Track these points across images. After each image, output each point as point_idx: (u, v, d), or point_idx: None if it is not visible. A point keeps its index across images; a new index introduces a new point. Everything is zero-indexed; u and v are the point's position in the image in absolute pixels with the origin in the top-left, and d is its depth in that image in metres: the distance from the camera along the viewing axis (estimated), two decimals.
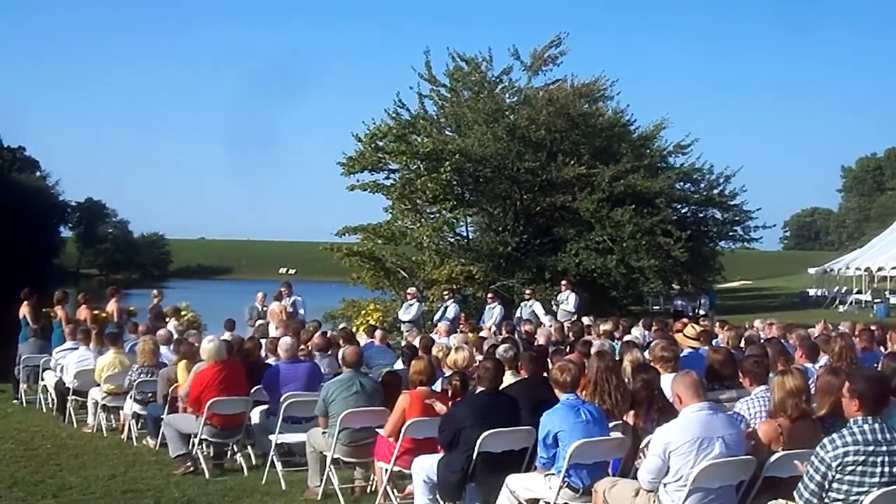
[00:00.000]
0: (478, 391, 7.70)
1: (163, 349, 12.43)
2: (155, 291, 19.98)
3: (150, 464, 10.26)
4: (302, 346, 11.66)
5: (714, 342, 12.09)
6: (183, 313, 18.90)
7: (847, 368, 8.19)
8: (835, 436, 5.22)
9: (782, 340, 11.78)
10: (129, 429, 11.71)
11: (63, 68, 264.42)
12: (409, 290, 22.11)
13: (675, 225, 30.19)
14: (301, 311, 19.20)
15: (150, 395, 11.30)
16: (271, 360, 11.20)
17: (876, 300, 39.52)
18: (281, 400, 9.57)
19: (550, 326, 15.42)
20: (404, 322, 20.16)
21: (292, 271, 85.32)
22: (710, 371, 8.38)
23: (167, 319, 17.84)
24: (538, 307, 20.99)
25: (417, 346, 11.87)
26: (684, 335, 11.81)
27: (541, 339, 12.98)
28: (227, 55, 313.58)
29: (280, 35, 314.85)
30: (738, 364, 8.05)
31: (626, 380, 7.98)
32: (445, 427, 7.44)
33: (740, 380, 8.02)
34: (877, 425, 5.19)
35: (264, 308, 19.29)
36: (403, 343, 14.30)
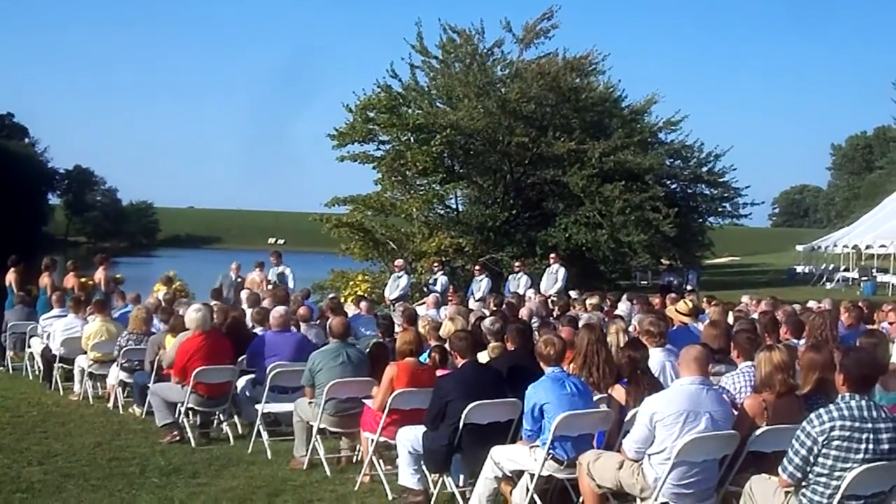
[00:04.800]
0: (461, 363, 7.68)
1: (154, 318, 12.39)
2: (234, 265, 19.77)
3: (136, 432, 10.25)
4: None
5: (700, 317, 12.11)
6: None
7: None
8: (822, 411, 5.24)
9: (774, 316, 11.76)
10: (116, 397, 11.70)
11: (53, 35, 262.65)
12: (396, 262, 22.03)
13: (664, 201, 30.26)
14: (290, 283, 19.15)
15: (137, 363, 11.28)
16: (258, 330, 11.20)
17: (863, 278, 39.63)
18: (267, 370, 9.57)
19: (535, 299, 15.40)
20: (392, 300, 19.79)
21: (281, 241, 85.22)
22: (703, 345, 8.38)
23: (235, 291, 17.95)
24: (525, 280, 21.00)
25: (395, 319, 11.88)
26: (676, 310, 11.82)
27: (522, 313, 12.94)
28: (221, 27, 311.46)
29: (277, 16, 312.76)
30: (733, 336, 8.04)
31: (613, 352, 8.03)
32: (432, 404, 7.44)
33: (730, 355, 8.06)
34: (863, 402, 5.21)
35: (238, 279, 19.23)
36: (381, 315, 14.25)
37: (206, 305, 11.20)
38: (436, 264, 22.07)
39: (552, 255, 22.96)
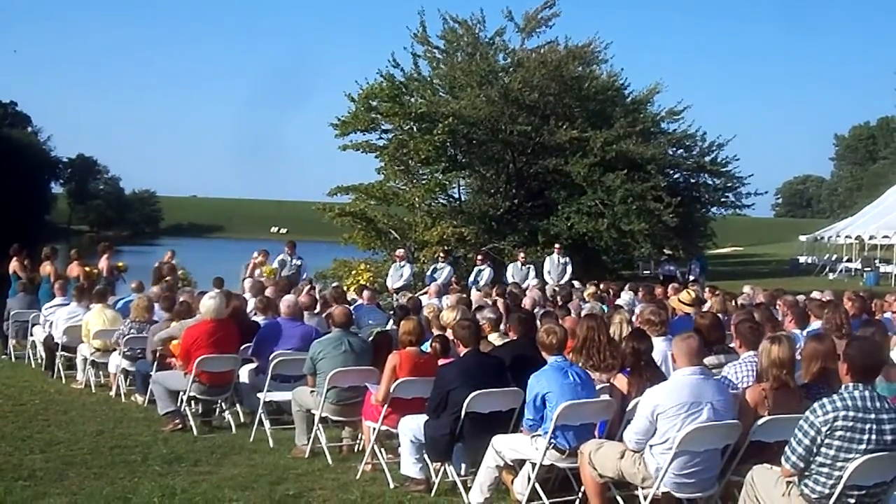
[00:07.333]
0: (464, 352, 7.67)
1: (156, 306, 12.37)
2: (256, 253, 19.86)
3: (139, 420, 10.28)
4: None
5: (702, 307, 12.10)
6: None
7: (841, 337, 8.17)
8: (825, 401, 5.22)
9: (771, 307, 11.79)
10: (118, 385, 11.71)
11: (57, 25, 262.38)
12: (397, 252, 22.02)
13: (666, 190, 30.16)
14: (303, 275, 19.20)
15: (139, 351, 11.29)
16: (259, 318, 11.19)
17: (866, 268, 39.59)
18: (270, 358, 9.56)
19: (536, 288, 15.41)
20: (396, 289, 19.74)
21: (284, 230, 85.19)
22: (695, 331, 8.35)
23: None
24: (532, 272, 20.95)
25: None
26: (679, 300, 11.82)
27: (526, 303, 12.94)
28: (223, 18, 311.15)
29: (279, 6, 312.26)
30: (735, 326, 8.02)
31: (616, 339, 8.01)
32: (434, 393, 7.44)
33: (728, 345, 8.03)
34: (867, 392, 5.20)
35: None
36: (396, 304, 14.27)
37: (221, 293, 11.20)
38: (438, 254, 22.04)
39: (557, 245, 22.92)
